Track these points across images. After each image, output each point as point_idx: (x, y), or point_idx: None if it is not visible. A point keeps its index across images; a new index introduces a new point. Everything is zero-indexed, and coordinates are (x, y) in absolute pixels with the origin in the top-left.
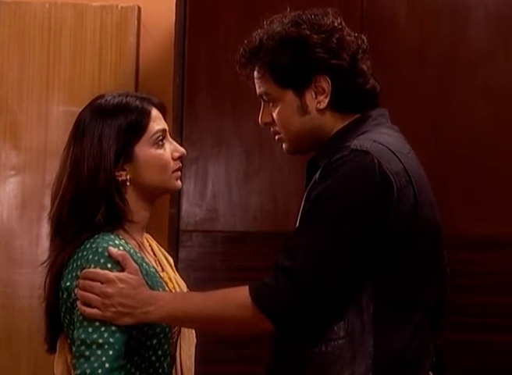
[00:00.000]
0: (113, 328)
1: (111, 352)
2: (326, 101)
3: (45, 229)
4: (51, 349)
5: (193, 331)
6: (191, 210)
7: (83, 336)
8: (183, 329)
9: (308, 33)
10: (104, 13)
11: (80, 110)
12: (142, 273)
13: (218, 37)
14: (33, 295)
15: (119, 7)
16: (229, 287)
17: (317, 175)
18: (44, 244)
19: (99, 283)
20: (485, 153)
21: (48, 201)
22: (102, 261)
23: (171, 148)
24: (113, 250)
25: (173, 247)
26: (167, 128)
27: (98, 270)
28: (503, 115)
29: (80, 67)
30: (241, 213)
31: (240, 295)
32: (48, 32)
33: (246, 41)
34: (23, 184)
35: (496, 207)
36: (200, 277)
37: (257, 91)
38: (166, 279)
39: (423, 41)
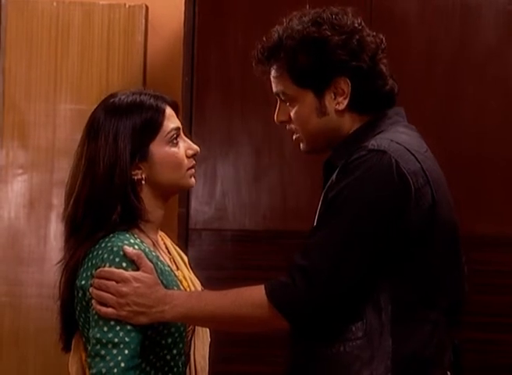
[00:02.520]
0: (128, 327)
1: (126, 351)
2: (345, 102)
3: (53, 228)
4: (66, 348)
5: (208, 330)
6: (200, 209)
7: (98, 335)
8: (197, 328)
9: (329, 34)
10: (112, 12)
11: (87, 108)
12: (157, 272)
13: (227, 36)
14: (40, 294)
15: (127, 6)
16: (238, 285)
17: (334, 175)
18: (52, 243)
19: (114, 283)
20: (494, 152)
21: (55, 200)
22: (117, 260)
23: (185, 146)
24: (128, 249)
25: (183, 246)
26: (180, 126)
27: (113, 269)
28: None
29: (87, 66)
30: (250, 212)
31: (255, 294)
32: (56, 31)
33: (264, 38)
34: (31, 183)
35: (506, 206)
36: (209, 276)
37: (274, 89)
38: (181, 277)
39: (433, 40)
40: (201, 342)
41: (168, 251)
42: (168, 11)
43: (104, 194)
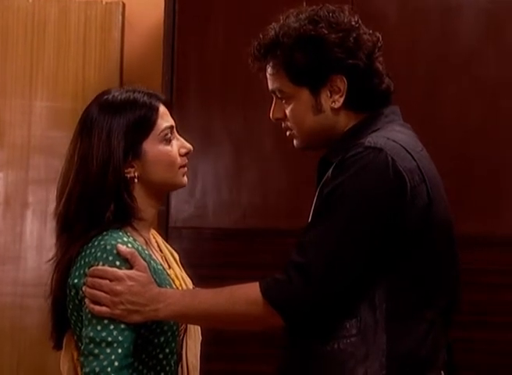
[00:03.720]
0: (122, 326)
1: (120, 350)
2: (341, 100)
3: (29, 226)
4: (57, 346)
5: (199, 329)
6: (180, 207)
7: (91, 334)
8: (189, 326)
9: (326, 32)
10: (89, 9)
11: (63, 105)
12: (150, 270)
13: (208, 34)
14: (16, 292)
15: (104, 2)
16: (218, 284)
17: (329, 172)
18: (28, 241)
19: (108, 281)
20: (476, 151)
21: (31, 198)
22: (111, 258)
23: (178, 145)
24: (122, 247)
25: None
26: (174, 124)
27: (107, 268)
28: (494, 113)
29: (63, 63)
30: (230, 210)
31: (250, 291)
32: (32, 27)
33: (260, 35)
34: (7, 181)
35: (489, 205)
36: (189, 274)
37: (270, 86)
38: (173, 276)
39: (413, 40)
40: (193, 341)
41: (160, 250)
42: (145, 8)
43: (97, 192)
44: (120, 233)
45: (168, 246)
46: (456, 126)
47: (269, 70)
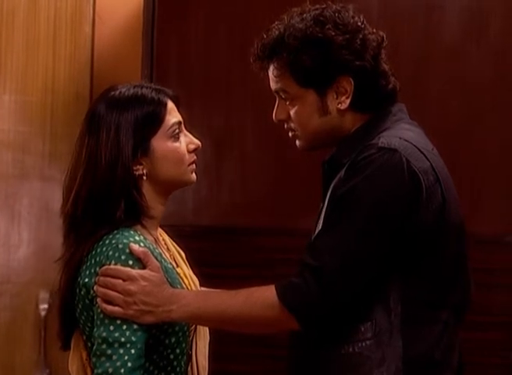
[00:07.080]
0: (135, 326)
1: (133, 351)
2: (348, 101)
3: None
4: (65, 346)
5: (207, 329)
6: None
7: (104, 334)
8: (198, 327)
9: (333, 34)
10: (59, 1)
11: (32, 100)
12: (162, 269)
13: (188, 27)
14: None
15: None
16: (201, 283)
17: (342, 172)
18: None
19: (121, 281)
20: (459, 149)
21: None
22: (123, 257)
23: (186, 141)
24: (135, 247)
25: None
26: (182, 120)
27: (120, 267)
28: (477, 110)
29: (33, 56)
30: (210, 207)
31: (266, 295)
32: (0, 20)
33: (264, 35)
34: None
35: (470, 203)
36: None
37: (274, 87)
38: (182, 275)
39: (396, 38)
40: (202, 341)
41: (168, 248)
42: (116, 2)
43: (107, 190)
44: (131, 232)
45: (175, 244)
46: (439, 122)
47: (274, 72)
